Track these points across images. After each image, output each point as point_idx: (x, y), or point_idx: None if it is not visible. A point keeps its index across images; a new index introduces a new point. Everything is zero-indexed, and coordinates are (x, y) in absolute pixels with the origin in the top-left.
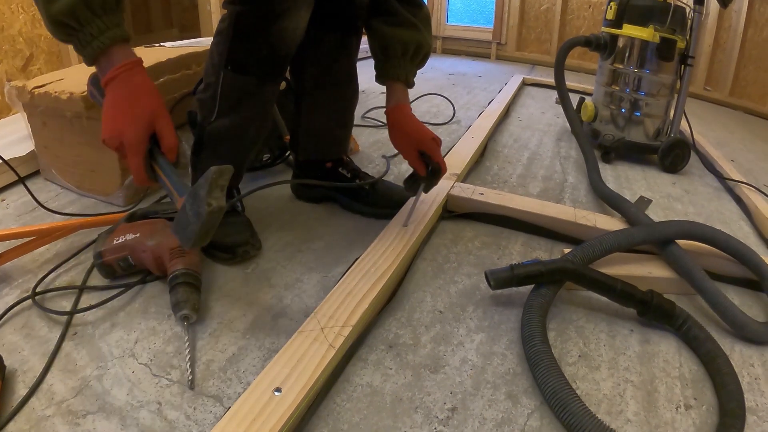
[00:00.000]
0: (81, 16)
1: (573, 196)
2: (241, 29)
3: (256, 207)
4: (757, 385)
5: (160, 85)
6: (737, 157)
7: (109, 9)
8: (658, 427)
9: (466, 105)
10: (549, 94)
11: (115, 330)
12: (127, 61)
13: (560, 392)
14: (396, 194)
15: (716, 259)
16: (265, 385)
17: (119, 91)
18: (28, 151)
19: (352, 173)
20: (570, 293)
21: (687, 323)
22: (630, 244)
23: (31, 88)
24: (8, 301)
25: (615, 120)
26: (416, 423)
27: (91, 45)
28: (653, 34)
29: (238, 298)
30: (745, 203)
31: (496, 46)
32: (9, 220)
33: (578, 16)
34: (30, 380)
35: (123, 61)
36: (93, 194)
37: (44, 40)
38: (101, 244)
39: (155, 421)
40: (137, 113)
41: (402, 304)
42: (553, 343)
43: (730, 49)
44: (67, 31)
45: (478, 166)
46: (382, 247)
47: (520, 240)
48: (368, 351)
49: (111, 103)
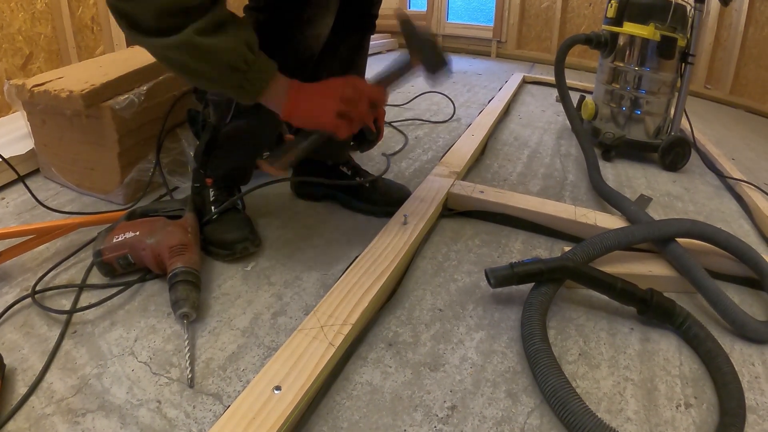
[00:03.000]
0: (247, 57)
1: (573, 194)
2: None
3: (256, 205)
4: (757, 384)
5: (161, 83)
6: (738, 156)
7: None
8: (658, 425)
9: (466, 103)
10: (549, 92)
11: (115, 328)
12: (292, 81)
13: (560, 391)
14: (396, 192)
15: (717, 258)
16: (265, 383)
17: (314, 87)
18: (27, 149)
19: (352, 171)
20: (570, 291)
21: (687, 322)
22: (630, 242)
23: (30, 87)
24: (8, 299)
25: (615, 118)
26: (416, 421)
27: (259, 81)
28: (654, 32)
29: (237, 296)
30: (745, 202)
31: (497, 44)
32: (9, 219)
33: (579, 14)
34: (30, 379)
35: (290, 81)
36: (92, 192)
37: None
38: (101, 243)
39: (155, 419)
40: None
41: (402, 302)
42: (553, 342)
43: (731, 48)
44: (237, 75)
45: (479, 164)
46: (381, 245)
47: (520, 238)
48: (368, 349)
49: (317, 92)
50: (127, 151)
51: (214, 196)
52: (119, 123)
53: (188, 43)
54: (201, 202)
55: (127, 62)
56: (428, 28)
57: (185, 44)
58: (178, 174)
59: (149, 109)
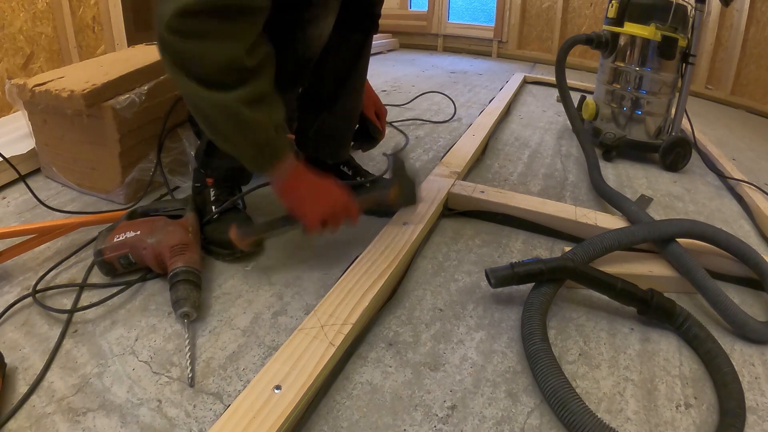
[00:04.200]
0: (270, 136)
1: (574, 194)
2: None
3: (257, 204)
4: (757, 384)
5: (161, 83)
6: (738, 156)
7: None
8: (658, 425)
9: (467, 103)
10: (550, 92)
11: (116, 327)
12: (298, 165)
13: (560, 391)
14: None
15: (717, 258)
16: (265, 382)
17: (314, 184)
18: (28, 149)
19: (352, 171)
20: (570, 291)
21: (687, 322)
22: (631, 242)
23: (31, 86)
24: (9, 298)
25: (616, 118)
26: (416, 421)
27: (272, 158)
28: (655, 33)
29: (238, 296)
30: (746, 202)
31: (498, 44)
32: (10, 218)
33: (579, 15)
34: (30, 378)
35: (296, 165)
36: (93, 192)
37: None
38: (102, 242)
39: (155, 418)
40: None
41: (402, 302)
42: (553, 342)
43: (732, 48)
44: (256, 149)
45: (479, 164)
46: (382, 245)
47: (520, 238)
48: (368, 349)
49: (315, 190)
50: (128, 150)
51: (215, 196)
52: (120, 122)
53: (230, 109)
54: (202, 201)
55: (128, 62)
56: (415, 170)
57: (228, 109)
58: (179, 173)
59: (150, 109)
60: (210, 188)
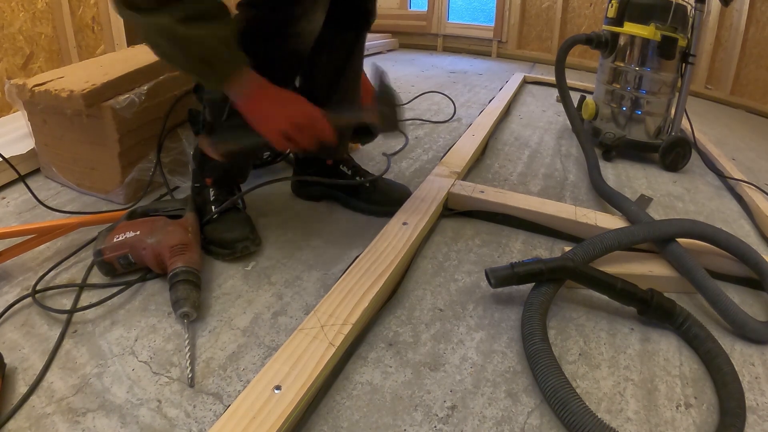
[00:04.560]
0: (218, 50)
1: (574, 194)
2: (257, 32)
3: (257, 204)
4: (757, 384)
5: (161, 82)
6: (738, 156)
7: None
8: (659, 425)
9: (466, 103)
10: (550, 92)
11: (115, 328)
12: (261, 80)
13: (560, 391)
14: (396, 192)
15: (717, 258)
16: (265, 382)
17: (276, 96)
18: (28, 149)
19: (352, 171)
20: (570, 291)
21: (687, 322)
22: (630, 242)
23: (31, 86)
24: (8, 299)
25: (616, 118)
26: (416, 421)
27: (225, 71)
28: (654, 33)
29: (238, 296)
30: (745, 202)
31: (497, 44)
32: (9, 218)
33: (579, 14)
34: (30, 378)
35: (260, 79)
36: (93, 192)
37: (44, 38)
38: (101, 242)
39: (155, 418)
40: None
41: (402, 302)
42: (554, 342)
43: (732, 48)
44: (204, 64)
45: (479, 163)
46: (382, 245)
47: (520, 238)
48: (368, 349)
49: (275, 103)
50: (127, 150)
51: (215, 196)
52: (120, 122)
53: (166, 29)
54: (201, 201)
55: (128, 62)
56: (395, 93)
57: (164, 28)
58: (178, 173)
59: (150, 109)
60: (209, 188)
